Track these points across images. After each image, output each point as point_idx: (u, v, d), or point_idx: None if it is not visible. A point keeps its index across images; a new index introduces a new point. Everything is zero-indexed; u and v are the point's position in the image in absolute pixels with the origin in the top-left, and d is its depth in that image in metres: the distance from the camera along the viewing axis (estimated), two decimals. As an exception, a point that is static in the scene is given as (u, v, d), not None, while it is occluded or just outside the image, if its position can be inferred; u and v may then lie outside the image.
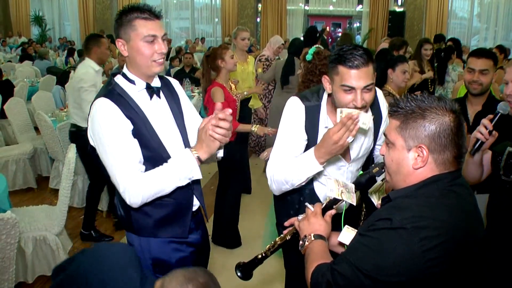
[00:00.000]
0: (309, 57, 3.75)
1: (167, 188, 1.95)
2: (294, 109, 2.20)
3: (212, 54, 4.13)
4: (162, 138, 2.06)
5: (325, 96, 2.20)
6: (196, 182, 2.17)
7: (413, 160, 1.46)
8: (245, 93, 4.07)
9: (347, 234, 1.75)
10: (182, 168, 1.92)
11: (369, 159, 2.41)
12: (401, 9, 17.87)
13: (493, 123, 2.15)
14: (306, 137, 2.17)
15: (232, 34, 5.46)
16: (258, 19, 18.59)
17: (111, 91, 2.01)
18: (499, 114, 2.16)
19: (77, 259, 1.73)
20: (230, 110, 1.87)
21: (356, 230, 1.69)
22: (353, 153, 2.26)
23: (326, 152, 1.95)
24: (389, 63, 4.01)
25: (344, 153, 2.21)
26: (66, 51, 13.51)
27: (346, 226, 1.80)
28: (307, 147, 2.16)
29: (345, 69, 1.93)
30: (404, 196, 1.48)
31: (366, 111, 2.02)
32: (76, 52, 12.95)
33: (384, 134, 1.57)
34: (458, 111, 1.46)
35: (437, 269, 1.35)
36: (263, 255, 1.89)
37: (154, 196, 1.96)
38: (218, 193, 4.43)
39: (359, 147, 2.26)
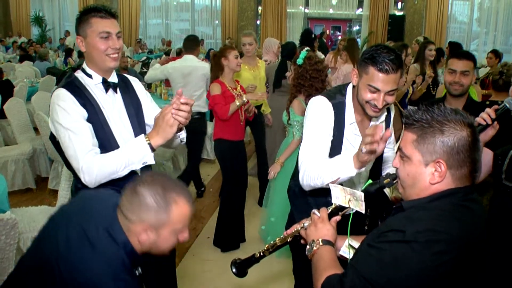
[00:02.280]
0: (300, 61, 3.78)
1: (120, 170, 2.06)
2: (322, 107, 2.25)
3: (219, 52, 4.28)
4: (113, 129, 2.24)
5: (348, 93, 2.26)
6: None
7: (430, 175, 1.45)
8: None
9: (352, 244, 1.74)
10: (135, 153, 2.05)
11: (379, 160, 2.46)
12: (401, 13, 17.90)
13: (497, 113, 2.16)
14: (332, 134, 2.23)
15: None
16: (258, 22, 18.60)
17: (69, 83, 2.21)
18: (505, 107, 2.17)
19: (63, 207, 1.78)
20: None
21: (355, 242, 1.69)
22: None
23: (363, 161, 1.94)
24: None
25: None
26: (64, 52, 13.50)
27: (349, 241, 1.79)
28: (332, 144, 2.23)
29: (375, 71, 2.01)
30: (417, 206, 1.47)
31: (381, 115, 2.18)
32: (76, 53, 12.92)
33: (399, 148, 1.54)
34: (474, 125, 1.45)
35: (447, 282, 1.36)
36: (261, 254, 1.88)
37: (108, 177, 2.08)
38: None
39: None
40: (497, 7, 17.61)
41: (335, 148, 2.24)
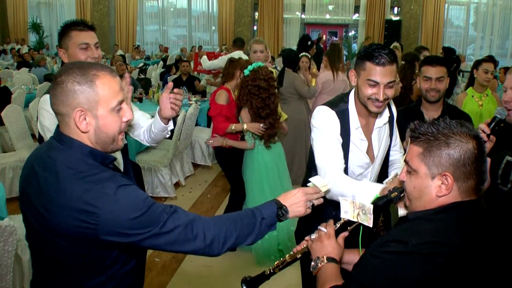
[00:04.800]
0: (246, 71, 3.80)
1: None
2: (327, 117, 2.30)
3: (237, 61, 4.28)
4: None
5: (351, 99, 2.32)
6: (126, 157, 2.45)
7: (437, 188, 1.45)
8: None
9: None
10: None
11: (387, 163, 2.53)
12: (397, 18, 17.98)
13: (491, 127, 2.19)
14: (341, 141, 2.28)
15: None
16: (255, 27, 18.65)
17: None
18: (497, 118, 2.20)
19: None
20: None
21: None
22: (375, 151, 2.38)
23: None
24: None
25: (368, 152, 2.35)
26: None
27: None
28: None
29: (372, 65, 2.10)
30: (422, 218, 1.48)
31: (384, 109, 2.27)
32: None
33: (405, 161, 1.55)
34: (480, 137, 1.46)
35: None
36: (271, 271, 1.86)
37: None
38: None
39: (379, 146, 2.38)
40: (493, 12, 17.71)
41: (343, 154, 2.29)
